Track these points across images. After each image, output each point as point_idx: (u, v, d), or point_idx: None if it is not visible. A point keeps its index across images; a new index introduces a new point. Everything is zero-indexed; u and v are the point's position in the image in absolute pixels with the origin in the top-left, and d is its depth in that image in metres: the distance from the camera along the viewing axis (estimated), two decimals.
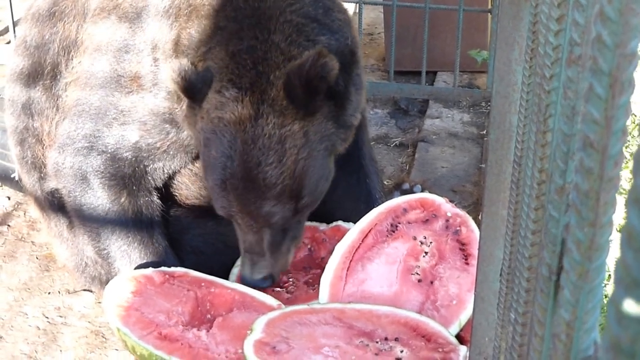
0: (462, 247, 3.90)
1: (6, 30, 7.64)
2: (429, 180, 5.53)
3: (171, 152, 4.12)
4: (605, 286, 1.13)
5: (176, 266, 4.04)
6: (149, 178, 4.17)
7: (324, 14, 3.91)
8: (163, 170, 4.18)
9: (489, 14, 7.02)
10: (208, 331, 3.66)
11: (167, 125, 4.05)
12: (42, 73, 4.35)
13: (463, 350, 3.45)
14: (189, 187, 4.37)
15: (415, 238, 3.93)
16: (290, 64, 3.67)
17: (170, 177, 4.28)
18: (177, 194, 4.39)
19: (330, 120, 3.84)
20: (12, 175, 5.09)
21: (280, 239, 3.96)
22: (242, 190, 3.77)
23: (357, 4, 7.01)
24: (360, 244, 3.89)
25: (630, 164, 4.44)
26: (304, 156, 3.78)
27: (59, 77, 4.29)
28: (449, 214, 4.01)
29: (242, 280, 4.01)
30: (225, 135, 3.72)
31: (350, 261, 3.85)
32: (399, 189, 5.00)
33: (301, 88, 3.64)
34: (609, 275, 3.55)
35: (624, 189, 4.41)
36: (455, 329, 3.67)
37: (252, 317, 3.64)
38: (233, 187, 3.77)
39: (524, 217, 1.80)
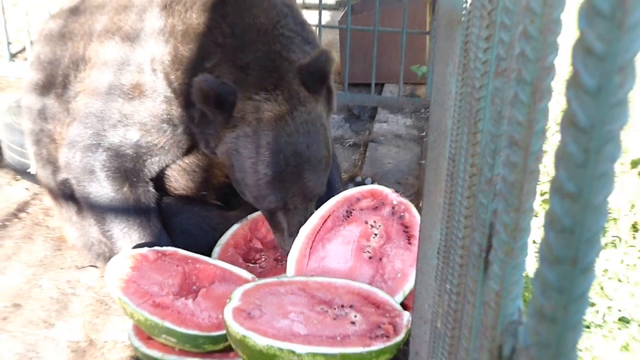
0: (406, 230, 3.91)
1: (24, 49, 7.60)
2: (377, 174, 5.54)
3: (166, 148, 4.10)
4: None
5: (169, 246, 4.05)
6: (146, 171, 4.16)
7: (302, 29, 4.03)
8: (158, 164, 4.17)
9: (428, 35, 7.03)
10: (194, 300, 3.66)
11: (165, 125, 4.04)
12: (54, 84, 4.35)
13: (406, 315, 3.46)
14: (177, 180, 4.36)
15: (366, 222, 3.93)
16: (299, 63, 3.83)
17: (163, 171, 4.27)
18: (168, 185, 4.39)
19: (325, 101, 4.01)
20: (28, 170, 5.09)
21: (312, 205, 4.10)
22: (298, 175, 3.84)
23: (317, 27, 7.00)
24: (321, 227, 3.90)
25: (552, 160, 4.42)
26: (326, 128, 3.97)
27: (68, 86, 4.28)
28: (394, 202, 4.02)
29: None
30: (268, 134, 3.75)
31: (313, 241, 3.85)
32: (353, 181, 5.03)
33: (315, 78, 3.83)
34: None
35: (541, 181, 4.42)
36: (400, 297, 3.67)
37: (231, 288, 3.64)
38: (290, 175, 3.83)
39: (457, 205, 1.79)
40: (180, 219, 4.38)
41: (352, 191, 4.07)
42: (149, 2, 4.06)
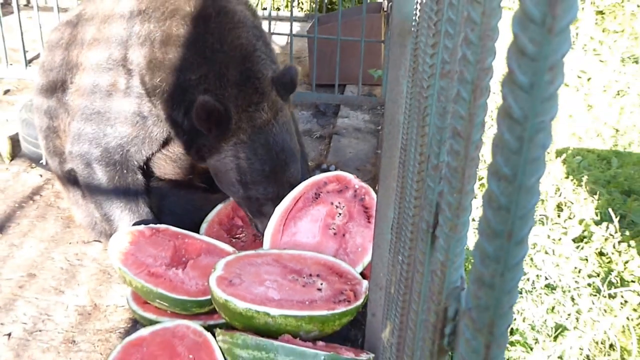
0: (366, 210, 3.92)
1: (38, 55, 7.58)
2: (340, 162, 5.55)
3: (141, 137, 4.06)
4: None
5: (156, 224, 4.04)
6: (133, 160, 4.13)
7: (269, 50, 4.11)
8: (141, 153, 4.13)
9: (383, 43, 7.04)
10: (183, 270, 3.66)
11: (137, 117, 4.01)
12: (55, 87, 4.33)
13: (365, 283, 3.47)
14: (164, 167, 4.35)
15: (332, 203, 3.93)
16: (272, 76, 3.95)
17: (149, 159, 4.24)
18: (158, 172, 4.37)
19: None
20: (41, 161, 5.09)
21: None
22: (286, 166, 3.95)
23: (289, 37, 7.01)
24: (293, 207, 3.90)
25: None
26: (294, 126, 4.19)
27: (66, 89, 4.26)
28: (356, 186, 4.02)
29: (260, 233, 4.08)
30: (261, 137, 3.84)
31: (286, 219, 3.86)
32: (319, 168, 5.04)
33: (286, 88, 4.01)
34: None
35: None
36: (359, 268, 3.68)
37: (215, 260, 3.64)
38: (280, 167, 3.92)
39: (408, 188, 1.79)
40: (169, 201, 4.38)
41: (320, 176, 4.08)
42: (129, 11, 4.04)
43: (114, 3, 4.15)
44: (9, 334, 3.65)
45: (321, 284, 3.48)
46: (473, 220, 4.22)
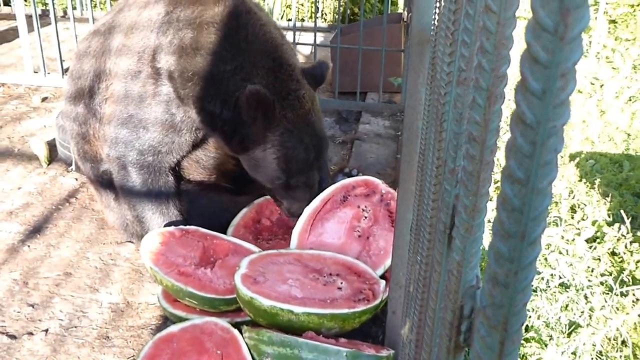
0: (390, 215, 3.91)
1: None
2: (362, 166, 5.55)
3: (173, 140, 4.06)
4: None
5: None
6: (165, 164, 4.13)
7: (292, 49, 4.14)
8: (173, 155, 4.11)
9: (402, 52, 7.03)
10: (212, 269, 3.67)
11: (168, 121, 4.01)
12: (83, 94, 4.31)
13: (383, 283, 3.48)
14: (188, 168, 4.36)
15: (359, 206, 3.93)
16: (304, 67, 4.09)
17: (179, 162, 4.24)
18: (183, 173, 4.36)
19: None
20: (71, 167, 5.14)
21: None
22: (320, 155, 4.02)
23: (313, 46, 7.02)
24: (321, 208, 3.90)
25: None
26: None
27: (94, 96, 4.25)
28: (383, 192, 4.02)
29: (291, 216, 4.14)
30: (304, 127, 3.88)
31: (313, 220, 3.86)
32: (341, 172, 5.03)
33: (315, 80, 4.10)
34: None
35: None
36: (381, 271, 3.67)
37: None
38: (319, 153, 3.99)
39: (426, 191, 1.79)
40: (197, 203, 4.37)
41: (349, 180, 4.08)
42: (157, 12, 4.04)
43: (141, 10, 4.14)
44: (47, 330, 3.67)
45: (341, 283, 3.48)
46: (488, 221, 4.20)
